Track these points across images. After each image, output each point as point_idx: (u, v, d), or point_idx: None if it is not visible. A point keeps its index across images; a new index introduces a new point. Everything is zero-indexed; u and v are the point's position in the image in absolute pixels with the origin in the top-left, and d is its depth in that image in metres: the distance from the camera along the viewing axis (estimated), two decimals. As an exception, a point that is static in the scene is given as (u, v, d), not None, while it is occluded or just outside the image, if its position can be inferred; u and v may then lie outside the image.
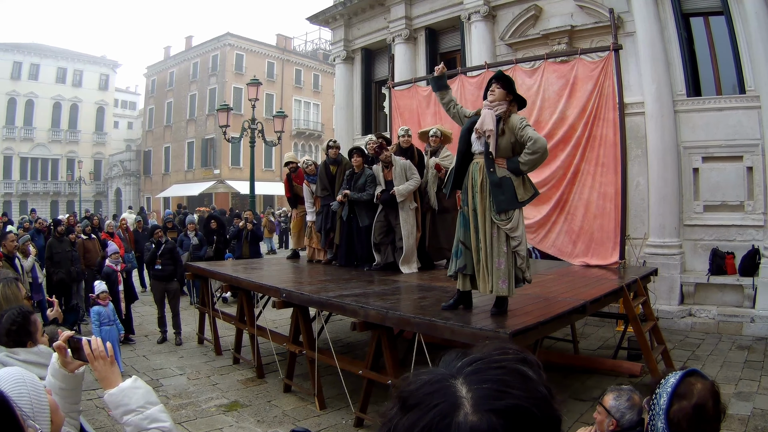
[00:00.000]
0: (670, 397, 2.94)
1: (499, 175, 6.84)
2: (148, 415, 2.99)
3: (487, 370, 1.19)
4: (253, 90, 24.40)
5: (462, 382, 1.17)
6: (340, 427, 8.56)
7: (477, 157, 7.09)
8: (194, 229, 17.85)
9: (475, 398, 1.12)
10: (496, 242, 6.90)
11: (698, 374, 3.09)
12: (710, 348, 12.28)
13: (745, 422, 8.21)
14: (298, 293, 9.28)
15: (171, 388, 10.25)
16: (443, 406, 1.12)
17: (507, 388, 1.15)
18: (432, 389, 1.16)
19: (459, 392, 1.14)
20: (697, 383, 2.98)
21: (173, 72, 62.99)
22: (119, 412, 2.99)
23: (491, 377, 1.17)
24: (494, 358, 1.24)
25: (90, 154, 66.62)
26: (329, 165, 12.72)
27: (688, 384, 2.98)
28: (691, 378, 3.02)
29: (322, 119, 63.88)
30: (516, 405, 1.13)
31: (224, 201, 51.70)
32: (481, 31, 17.85)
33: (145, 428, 2.96)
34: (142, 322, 15.19)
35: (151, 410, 3.02)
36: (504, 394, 1.14)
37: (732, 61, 14.32)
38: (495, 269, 6.90)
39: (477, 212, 7.01)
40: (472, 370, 1.20)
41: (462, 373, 1.19)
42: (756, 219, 13.81)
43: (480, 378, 1.17)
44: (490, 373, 1.19)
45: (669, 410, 2.91)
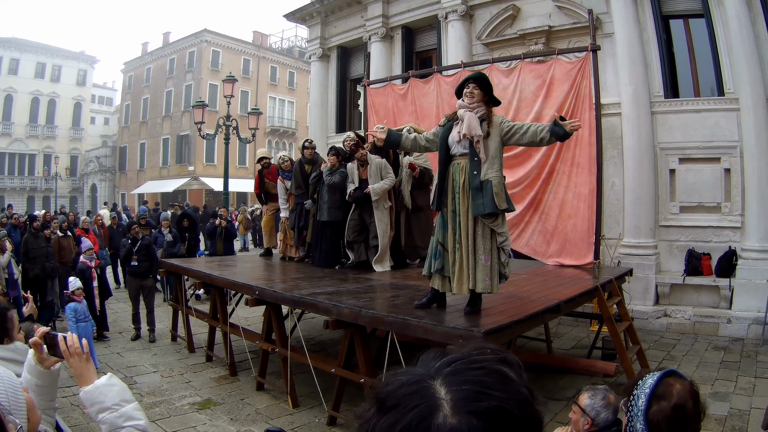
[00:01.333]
0: (649, 398, 2.90)
1: (481, 178, 6.82)
2: (123, 412, 2.98)
3: (467, 371, 1.17)
4: (228, 87, 24.45)
5: (441, 383, 1.14)
6: (314, 426, 8.54)
7: (458, 159, 7.05)
8: (168, 226, 17.75)
9: (455, 400, 1.10)
10: (481, 239, 6.88)
11: (677, 375, 3.05)
12: (686, 348, 12.33)
13: (722, 422, 8.26)
14: (271, 291, 9.26)
15: (145, 385, 10.21)
16: (422, 407, 1.09)
17: (487, 390, 1.12)
18: (410, 390, 1.14)
19: (438, 393, 1.11)
20: (675, 384, 2.95)
21: (150, 68, 62.79)
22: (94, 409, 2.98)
23: (471, 378, 1.15)
24: (474, 358, 1.21)
25: (66, 149, 66.28)
26: (304, 164, 12.74)
27: (666, 385, 2.95)
28: (669, 378, 2.99)
29: (297, 117, 63.86)
30: (496, 407, 1.10)
31: (198, 198, 51.55)
32: (457, 31, 17.87)
33: (120, 426, 2.95)
34: (116, 319, 15.08)
35: (126, 408, 3.01)
36: (484, 396, 1.11)
37: (711, 64, 14.40)
38: (481, 266, 6.87)
39: (457, 213, 6.97)
40: (451, 371, 1.17)
41: (441, 374, 1.16)
42: (733, 220, 13.89)
43: (459, 379, 1.14)
44: (470, 373, 1.16)
45: (648, 411, 2.87)
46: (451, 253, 7.03)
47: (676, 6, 14.94)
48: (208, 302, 13.52)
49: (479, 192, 6.78)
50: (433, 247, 7.28)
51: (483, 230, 6.88)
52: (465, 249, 6.88)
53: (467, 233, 6.88)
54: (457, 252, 6.95)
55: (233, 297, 12.71)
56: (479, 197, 6.77)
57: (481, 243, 6.87)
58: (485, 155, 6.84)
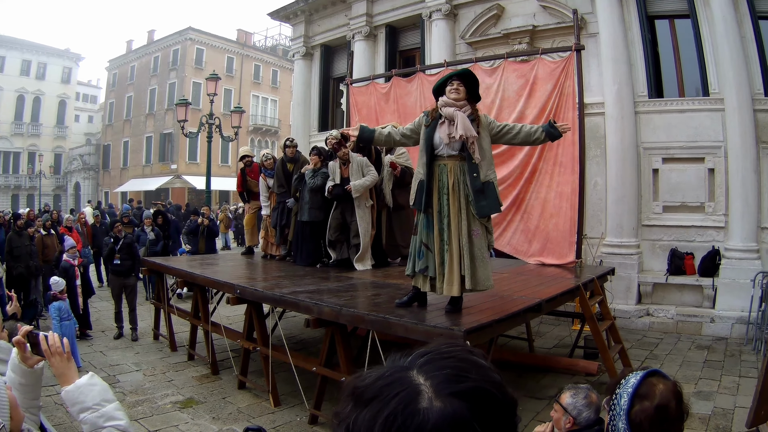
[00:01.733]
0: (631, 398, 2.89)
1: (482, 179, 6.82)
2: (104, 412, 2.98)
3: (440, 360, 1.19)
4: (211, 85, 24.45)
5: (417, 372, 1.16)
6: (295, 425, 8.55)
7: (444, 160, 6.98)
8: (151, 224, 17.69)
9: (435, 384, 1.12)
10: (478, 239, 6.89)
11: (660, 374, 3.04)
12: (669, 347, 12.36)
13: (705, 421, 8.28)
14: (252, 289, 9.25)
15: (127, 384, 10.20)
16: (404, 394, 1.10)
17: (464, 373, 1.15)
18: (388, 381, 1.15)
19: (417, 380, 1.13)
20: (659, 383, 2.93)
21: (134, 66, 62.54)
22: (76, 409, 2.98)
23: (446, 365, 1.17)
24: (444, 350, 1.23)
25: (51, 147, 66.02)
26: (286, 163, 12.76)
27: (649, 384, 2.93)
28: (652, 378, 2.97)
29: (280, 115, 63.72)
30: (476, 387, 1.13)
31: (181, 196, 51.45)
32: (441, 30, 17.88)
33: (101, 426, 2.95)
34: (99, 318, 15.01)
35: (107, 408, 3.01)
36: (462, 378, 1.14)
37: (696, 64, 14.45)
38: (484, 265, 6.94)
39: (444, 214, 6.93)
40: (425, 361, 1.19)
41: (415, 365, 1.18)
42: (717, 220, 13.94)
43: (435, 366, 1.16)
44: (444, 362, 1.18)
45: (630, 411, 2.86)
46: (438, 254, 6.99)
47: (662, 6, 14.99)
48: (190, 300, 13.49)
49: (482, 194, 6.80)
50: (415, 246, 7.23)
51: (481, 230, 6.90)
52: (456, 251, 6.84)
53: (458, 234, 6.84)
54: (446, 254, 6.90)
55: (215, 295, 12.71)
56: (482, 199, 6.80)
57: (481, 242, 6.91)
58: (481, 156, 6.84)
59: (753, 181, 13.38)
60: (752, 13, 13.64)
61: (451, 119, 6.78)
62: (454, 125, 6.73)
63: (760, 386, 4.66)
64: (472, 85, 7.05)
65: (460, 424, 1.07)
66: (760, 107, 13.53)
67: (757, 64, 13.65)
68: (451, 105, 6.86)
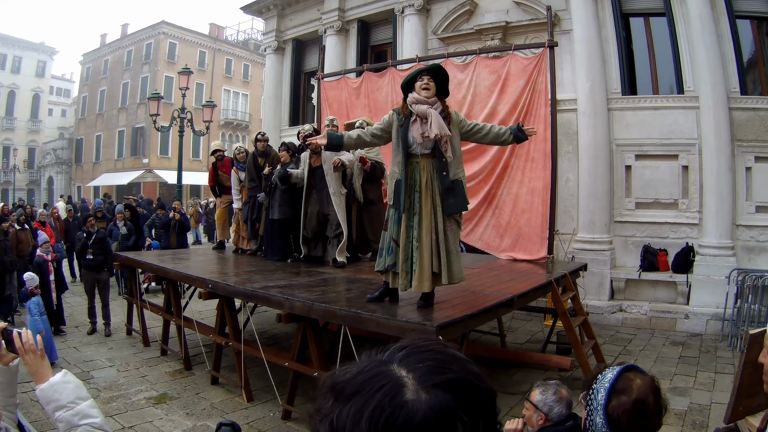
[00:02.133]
0: (608, 393, 2.89)
1: (451, 178, 6.85)
2: (78, 411, 2.95)
3: (419, 353, 1.19)
4: (184, 79, 24.53)
5: (398, 365, 1.15)
6: (268, 420, 8.54)
7: (418, 158, 6.98)
8: (123, 219, 17.60)
9: (418, 376, 1.12)
10: (452, 234, 6.96)
11: (637, 369, 3.04)
12: (642, 343, 12.41)
13: (682, 417, 8.32)
14: (224, 284, 9.26)
15: (101, 380, 10.15)
16: (388, 387, 1.09)
17: (445, 365, 1.16)
18: (370, 375, 1.14)
19: (399, 373, 1.13)
20: (636, 378, 2.93)
21: (108, 60, 62.24)
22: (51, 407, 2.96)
23: (426, 357, 1.17)
24: (421, 344, 1.23)
25: (25, 141, 65.62)
26: (257, 157, 12.76)
27: (626, 379, 2.93)
28: (629, 373, 2.97)
29: (251, 110, 63.57)
30: (459, 377, 1.14)
31: (152, 190, 51.37)
32: (414, 25, 17.85)
33: (76, 424, 2.92)
34: (72, 313, 14.95)
35: (82, 405, 2.98)
36: (445, 370, 1.14)
37: (671, 62, 14.49)
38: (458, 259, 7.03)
39: (414, 211, 6.94)
40: (404, 354, 1.19)
41: (395, 359, 1.18)
42: (691, 217, 13.99)
43: (415, 359, 1.17)
44: (423, 355, 1.19)
45: (608, 405, 2.86)
46: (403, 250, 6.99)
47: (637, 4, 15.04)
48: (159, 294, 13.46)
49: (450, 192, 6.83)
50: (386, 242, 7.23)
51: (454, 226, 6.96)
52: (428, 247, 6.84)
53: (431, 231, 6.85)
54: (416, 250, 6.90)
55: (187, 290, 12.70)
56: (451, 197, 6.84)
57: (455, 237, 6.98)
58: (452, 154, 6.86)
59: (728, 179, 13.43)
60: (729, 12, 13.69)
61: (425, 117, 6.74)
62: (428, 124, 6.70)
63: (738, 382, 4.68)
64: (442, 80, 7.03)
65: (447, 415, 1.07)
66: (735, 105, 13.59)
67: (734, 62, 13.70)
68: (423, 102, 6.82)
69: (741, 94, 13.68)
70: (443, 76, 7.07)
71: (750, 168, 13.58)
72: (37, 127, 67.25)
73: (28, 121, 65.79)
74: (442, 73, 7.07)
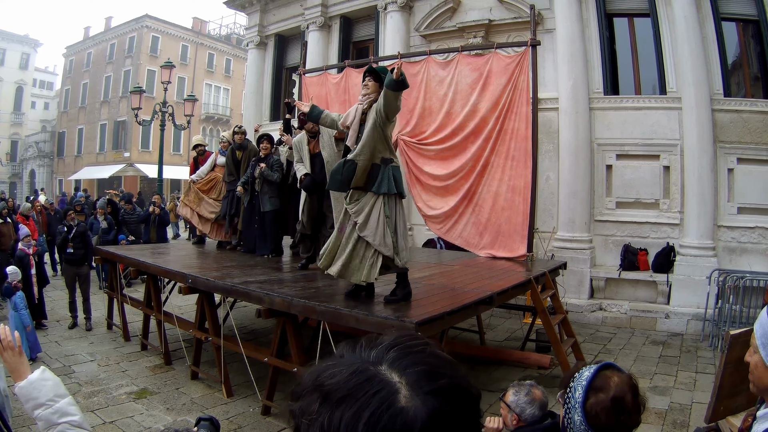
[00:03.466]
0: (586, 390, 2.91)
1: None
2: (57, 408, 2.96)
3: (410, 355, 1.18)
4: (166, 73, 24.50)
5: (387, 368, 1.14)
6: (248, 415, 8.56)
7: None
8: (103, 213, 17.55)
9: (411, 382, 1.10)
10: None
11: (614, 367, 3.07)
12: (622, 342, 12.46)
13: (662, 416, 8.36)
14: (204, 279, 9.23)
15: (83, 374, 10.13)
16: (383, 393, 1.08)
17: (438, 370, 1.15)
18: (362, 378, 1.12)
19: (392, 378, 1.11)
20: (613, 376, 2.97)
21: (91, 53, 62.04)
22: (30, 405, 2.97)
23: (417, 360, 1.16)
24: (408, 344, 1.22)
25: (7, 134, 65.46)
26: (235, 150, 12.74)
27: (604, 377, 2.96)
28: (606, 371, 3.00)
29: (232, 104, 63.52)
30: (452, 383, 1.14)
31: (133, 184, 51.26)
32: (396, 22, 17.90)
33: (56, 422, 2.94)
34: (53, 307, 14.91)
35: (60, 403, 2.99)
36: (438, 375, 1.14)
37: (654, 63, 14.55)
38: None
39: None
40: (394, 357, 1.17)
41: (385, 360, 1.17)
42: (671, 217, 14.05)
43: (406, 362, 1.15)
44: (413, 357, 1.17)
45: (585, 403, 2.88)
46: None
47: (621, 5, 15.10)
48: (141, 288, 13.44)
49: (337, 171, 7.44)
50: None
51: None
52: None
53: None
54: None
55: (167, 285, 12.66)
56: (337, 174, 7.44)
57: None
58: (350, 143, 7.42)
59: (710, 180, 13.49)
60: (715, 14, 13.75)
61: None
62: None
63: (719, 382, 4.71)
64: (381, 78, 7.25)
65: (442, 422, 1.08)
66: (718, 107, 13.64)
67: (718, 64, 13.76)
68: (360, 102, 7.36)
69: (724, 96, 13.72)
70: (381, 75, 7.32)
71: (732, 169, 13.64)
72: (20, 120, 67.06)
73: (11, 113, 65.58)
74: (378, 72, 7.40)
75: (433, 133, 12.68)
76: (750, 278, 12.35)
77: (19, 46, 66.72)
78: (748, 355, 2.86)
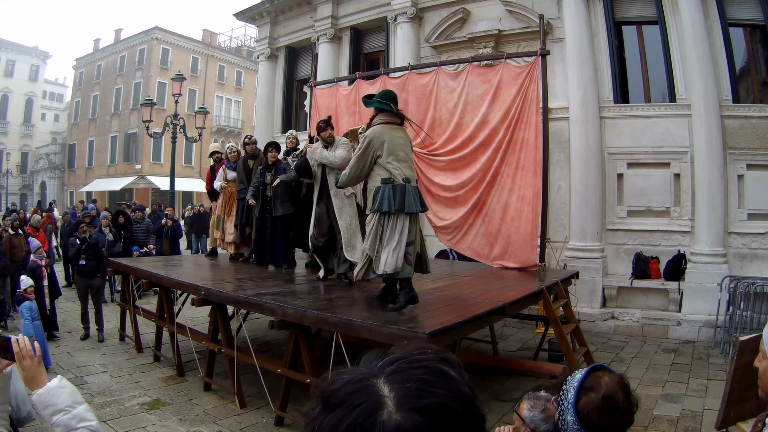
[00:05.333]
0: (577, 391, 2.94)
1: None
2: (75, 414, 2.99)
3: (409, 370, 1.19)
4: (176, 85, 24.39)
5: (384, 381, 1.16)
6: (261, 426, 8.54)
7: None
8: (108, 225, 17.57)
9: (398, 397, 1.11)
10: None
11: (605, 368, 3.09)
12: (635, 350, 12.41)
13: (674, 423, 8.34)
14: (217, 291, 9.24)
15: (95, 385, 10.13)
16: (366, 405, 1.10)
17: (429, 387, 1.14)
18: (354, 388, 1.15)
19: (381, 391, 1.13)
20: (603, 376, 2.99)
21: (101, 65, 62.21)
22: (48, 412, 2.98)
23: (413, 376, 1.17)
24: (415, 357, 1.23)
25: (18, 146, 65.73)
26: (247, 160, 12.76)
27: (594, 378, 2.99)
28: (597, 372, 3.04)
29: (243, 116, 63.75)
30: (439, 403, 1.13)
31: (145, 196, 51.32)
32: (406, 33, 17.92)
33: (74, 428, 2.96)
34: (65, 318, 14.94)
35: (78, 409, 3.02)
36: (427, 393, 1.13)
37: (663, 70, 14.55)
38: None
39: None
40: (393, 370, 1.19)
41: (383, 373, 1.18)
42: (682, 225, 14.03)
43: (402, 377, 1.16)
44: (412, 372, 1.18)
45: (577, 403, 2.91)
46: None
47: (629, 12, 15.10)
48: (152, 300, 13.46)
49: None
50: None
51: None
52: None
53: None
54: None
55: (179, 297, 12.68)
56: None
57: None
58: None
59: (720, 186, 13.47)
60: (722, 20, 13.75)
61: None
62: None
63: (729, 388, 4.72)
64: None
65: None
66: (727, 113, 13.64)
67: (726, 70, 13.75)
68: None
69: (733, 102, 13.73)
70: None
71: (742, 176, 13.63)
72: (30, 132, 67.38)
73: (21, 125, 65.93)
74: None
75: (443, 144, 12.66)
76: (761, 284, 12.33)
77: (28, 58, 67.04)
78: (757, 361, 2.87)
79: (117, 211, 20.54)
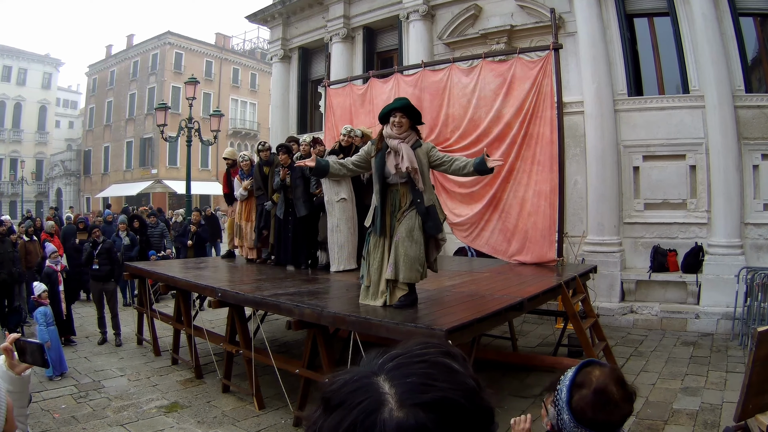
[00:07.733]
0: (569, 389, 2.93)
1: (425, 204, 7.39)
2: None
3: (410, 365, 1.15)
4: (190, 89, 24.34)
5: (384, 378, 1.12)
6: (280, 427, 8.54)
7: (396, 186, 7.54)
8: (125, 229, 17.59)
9: (399, 393, 1.08)
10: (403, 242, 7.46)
11: (595, 363, 3.08)
12: (654, 344, 12.37)
13: (693, 417, 8.32)
14: (233, 293, 9.24)
15: (112, 389, 10.15)
16: (366, 403, 1.07)
17: (431, 381, 1.11)
18: (354, 387, 1.12)
19: (382, 388, 1.10)
20: (594, 370, 2.97)
21: (114, 71, 62.55)
22: None
23: (414, 371, 1.13)
24: (416, 352, 1.19)
25: (32, 153, 65.99)
26: (262, 166, 12.72)
27: (585, 373, 2.97)
28: (587, 367, 3.02)
29: (259, 118, 63.80)
30: (443, 397, 1.09)
31: (162, 201, 51.66)
32: (419, 31, 17.93)
33: None
34: (82, 323, 14.98)
35: None
36: (429, 388, 1.09)
37: (676, 62, 14.51)
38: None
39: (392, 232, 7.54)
40: (393, 366, 1.15)
41: (383, 370, 1.15)
42: (699, 216, 13.98)
43: (403, 373, 1.13)
44: (413, 367, 1.14)
45: (570, 401, 2.90)
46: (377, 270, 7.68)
47: (640, 4, 15.06)
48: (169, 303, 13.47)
49: (428, 216, 7.44)
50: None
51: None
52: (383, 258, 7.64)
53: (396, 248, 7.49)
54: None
55: (197, 299, 12.69)
56: (429, 220, 7.46)
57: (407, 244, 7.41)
58: (423, 184, 7.36)
59: (735, 177, 13.43)
60: (733, 10, 13.70)
61: (397, 151, 7.29)
62: (400, 157, 7.25)
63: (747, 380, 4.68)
64: (415, 113, 7.59)
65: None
66: (740, 104, 13.59)
67: (738, 60, 13.71)
68: (395, 138, 7.36)
69: (746, 92, 13.69)
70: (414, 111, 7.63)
71: (757, 166, 13.58)
72: (45, 139, 67.69)
73: (35, 133, 66.23)
74: (412, 109, 7.60)
75: (457, 140, 12.69)
76: (777, 275, 12.25)
77: (40, 65, 67.37)
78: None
79: (133, 215, 20.59)
